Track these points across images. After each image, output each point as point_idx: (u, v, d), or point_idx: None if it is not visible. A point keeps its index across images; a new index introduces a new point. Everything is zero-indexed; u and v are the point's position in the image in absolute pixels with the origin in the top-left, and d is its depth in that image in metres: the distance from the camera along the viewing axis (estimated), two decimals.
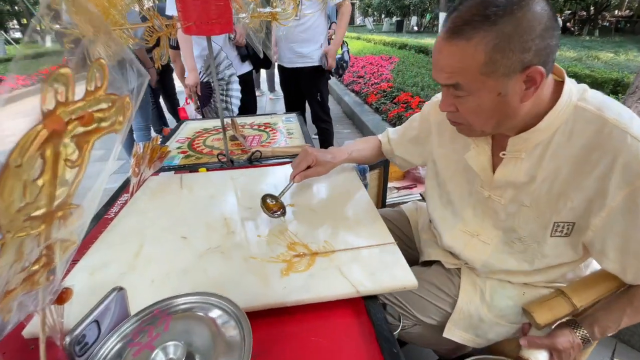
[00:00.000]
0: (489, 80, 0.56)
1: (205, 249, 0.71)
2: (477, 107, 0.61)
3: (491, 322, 0.79)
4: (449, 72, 0.59)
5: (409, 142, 0.94)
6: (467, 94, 0.60)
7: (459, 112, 0.64)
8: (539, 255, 0.71)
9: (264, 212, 0.80)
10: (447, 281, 0.85)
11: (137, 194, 0.95)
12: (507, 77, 0.55)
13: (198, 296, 0.48)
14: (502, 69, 0.55)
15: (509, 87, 0.56)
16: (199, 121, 1.73)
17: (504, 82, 0.56)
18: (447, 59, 0.58)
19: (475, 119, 0.63)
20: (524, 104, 0.59)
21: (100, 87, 0.22)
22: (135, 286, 0.62)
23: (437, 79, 0.62)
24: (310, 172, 0.89)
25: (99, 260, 0.69)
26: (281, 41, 2.30)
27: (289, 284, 0.61)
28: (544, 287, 0.78)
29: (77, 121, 0.21)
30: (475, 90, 0.58)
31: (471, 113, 0.62)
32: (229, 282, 0.62)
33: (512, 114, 0.61)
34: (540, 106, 0.62)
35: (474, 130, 0.66)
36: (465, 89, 0.59)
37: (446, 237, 0.83)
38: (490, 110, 0.60)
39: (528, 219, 0.68)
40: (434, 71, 0.63)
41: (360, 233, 0.75)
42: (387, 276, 0.62)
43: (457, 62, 0.57)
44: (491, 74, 0.56)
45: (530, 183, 0.66)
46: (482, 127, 0.64)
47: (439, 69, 0.60)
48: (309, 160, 0.88)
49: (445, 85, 0.62)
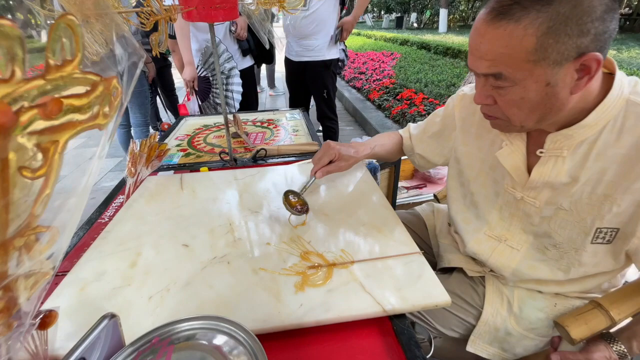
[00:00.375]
0: (537, 69, 0.50)
1: (209, 259, 0.64)
2: (520, 100, 0.54)
3: (519, 336, 0.73)
4: (491, 59, 0.52)
5: (430, 138, 0.87)
6: (510, 85, 0.53)
7: (498, 105, 0.57)
8: (576, 263, 0.65)
9: (287, 209, 0.75)
10: (471, 290, 0.79)
11: (134, 195, 0.87)
12: (559, 65, 0.49)
13: (204, 321, 0.41)
14: (554, 55, 0.48)
15: (559, 76, 0.50)
16: (199, 117, 1.65)
17: (554, 71, 0.50)
18: (490, 45, 0.51)
19: (516, 113, 0.56)
20: (573, 96, 0.53)
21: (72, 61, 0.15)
22: (131, 303, 0.55)
23: (475, 68, 0.55)
24: (332, 167, 0.83)
25: (90, 272, 0.62)
26: (288, 32, 2.19)
27: (305, 301, 0.54)
28: (577, 298, 0.73)
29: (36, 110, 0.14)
30: (521, 80, 0.52)
31: (512, 106, 0.56)
32: (238, 299, 0.55)
33: (558, 108, 0.54)
34: (588, 100, 0.55)
35: (513, 126, 0.59)
36: (508, 78, 0.52)
37: (470, 242, 0.76)
38: (535, 102, 0.53)
39: (565, 223, 0.62)
40: (472, 58, 0.55)
41: (381, 241, 0.68)
42: (416, 292, 0.55)
43: (502, 48, 0.50)
44: (541, 62, 0.49)
45: (571, 184, 0.60)
46: (522, 121, 0.57)
47: (479, 55, 0.53)
48: (331, 154, 0.83)
49: (485, 75, 0.55)
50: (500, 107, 0.57)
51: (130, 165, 0.83)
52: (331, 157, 0.83)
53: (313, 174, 0.82)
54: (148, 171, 0.93)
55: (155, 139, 0.93)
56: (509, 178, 0.68)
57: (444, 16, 11.91)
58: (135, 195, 0.87)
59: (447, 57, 6.76)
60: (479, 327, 0.74)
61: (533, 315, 0.72)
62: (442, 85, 4.18)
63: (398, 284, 0.57)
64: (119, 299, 0.56)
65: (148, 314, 0.53)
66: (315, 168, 0.83)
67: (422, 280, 0.58)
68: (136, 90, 2.40)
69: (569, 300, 0.72)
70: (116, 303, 0.55)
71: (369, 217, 0.76)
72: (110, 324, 0.37)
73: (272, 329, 0.50)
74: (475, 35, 0.53)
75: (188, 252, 0.66)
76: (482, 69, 0.54)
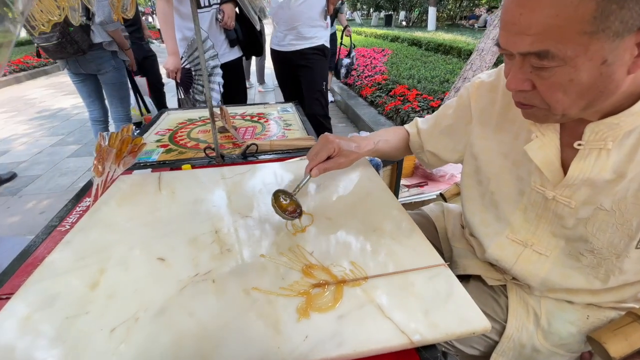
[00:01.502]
0: (593, 43, 0.40)
1: (190, 277, 0.52)
2: (568, 82, 0.44)
3: (548, 352, 0.65)
4: (535, 33, 0.42)
5: (441, 133, 0.77)
6: (558, 64, 0.43)
7: (537, 91, 0.48)
8: (617, 271, 0.57)
9: (277, 212, 0.64)
10: (492, 302, 0.71)
11: (103, 198, 0.74)
12: (620, 37, 0.39)
13: None
14: (616, 25, 0.38)
15: (618, 52, 0.40)
16: (182, 111, 1.52)
17: (613, 45, 0.40)
18: (534, 15, 0.41)
19: (560, 99, 0.46)
20: (629, 77, 0.43)
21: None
22: (88, 337, 0.43)
23: (512, 46, 0.45)
24: (331, 164, 0.72)
25: (39, 296, 0.50)
26: (277, 19, 1.98)
27: (311, 331, 0.43)
28: (612, 309, 0.65)
29: None
30: (572, 59, 0.42)
31: (557, 90, 0.46)
32: (225, 331, 0.43)
33: (611, 91, 0.45)
34: (638, 82, 0.46)
35: (552, 115, 0.49)
36: (556, 56, 0.42)
37: (491, 246, 0.68)
38: (586, 85, 0.44)
39: (606, 226, 0.54)
40: (507, 35, 0.45)
41: (397, 251, 0.57)
42: (447, 315, 0.45)
43: (550, 18, 0.40)
44: (599, 34, 0.39)
45: (615, 181, 0.51)
46: (566, 109, 0.47)
47: (518, 30, 0.43)
48: (330, 149, 0.72)
49: (524, 55, 0.45)
50: (540, 93, 0.48)
51: (97, 162, 0.70)
52: (329, 152, 0.72)
53: (308, 172, 0.71)
54: (120, 169, 0.80)
55: (128, 131, 0.80)
56: (537, 175, 0.59)
57: (432, 14, 11.95)
58: (104, 197, 0.74)
59: (439, 53, 6.73)
60: (502, 343, 0.66)
61: (563, 329, 0.64)
62: (435, 81, 4.12)
63: (424, 306, 0.46)
64: (73, 332, 0.44)
65: (109, 352, 0.41)
66: (310, 164, 0.72)
67: (452, 300, 0.47)
68: (116, 83, 2.24)
69: (602, 312, 0.64)
70: (68, 338, 0.43)
71: (379, 221, 0.65)
72: None
73: None
74: (512, 5, 0.43)
75: (164, 267, 0.54)
76: (522, 46, 0.44)
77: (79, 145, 3.25)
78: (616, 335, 0.59)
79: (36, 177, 2.65)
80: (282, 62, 2.10)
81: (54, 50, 1.92)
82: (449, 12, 16.30)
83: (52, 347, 0.42)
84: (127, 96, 2.39)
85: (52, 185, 2.52)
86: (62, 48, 1.90)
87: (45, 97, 5.14)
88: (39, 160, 2.95)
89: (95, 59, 2.11)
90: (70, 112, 4.32)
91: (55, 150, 3.16)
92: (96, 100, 2.36)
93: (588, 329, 0.64)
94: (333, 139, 0.73)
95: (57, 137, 3.47)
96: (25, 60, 6.92)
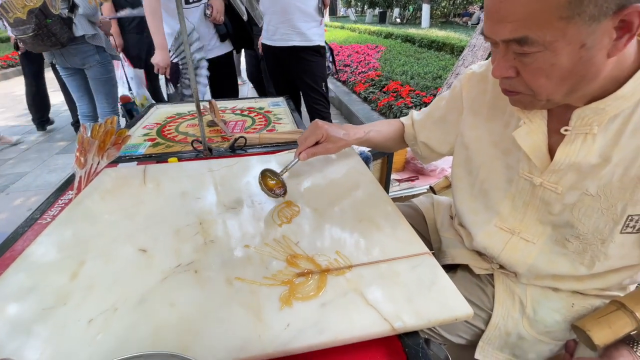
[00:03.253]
0: (570, 27, 0.41)
1: (172, 267, 0.51)
2: (549, 67, 0.45)
3: (533, 340, 0.66)
4: (515, 20, 0.43)
5: (434, 124, 0.78)
6: (539, 50, 0.44)
7: (521, 77, 0.49)
8: (602, 256, 0.57)
9: (262, 189, 0.70)
10: (478, 291, 0.71)
11: (86, 191, 0.73)
12: (597, 21, 0.40)
13: None
14: (591, 9, 0.39)
15: (596, 35, 0.41)
16: (171, 105, 1.50)
17: (590, 29, 0.41)
18: (514, 2, 0.42)
19: (543, 84, 0.47)
20: (609, 61, 0.44)
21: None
22: (65, 328, 0.42)
23: (495, 34, 0.47)
24: (319, 149, 0.75)
25: (16, 286, 0.48)
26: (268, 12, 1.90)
27: (293, 319, 0.43)
28: (597, 297, 0.66)
29: None
30: (551, 43, 0.43)
31: (540, 76, 0.47)
32: (206, 320, 0.43)
33: (593, 75, 0.46)
34: (623, 67, 0.47)
35: (538, 100, 0.51)
36: (536, 42, 0.43)
37: (479, 235, 0.68)
38: (567, 69, 0.45)
39: (592, 211, 0.55)
40: (490, 24, 0.47)
41: (382, 240, 0.57)
42: (430, 303, 0.45)
43: (529, 5, 0.41)
44: (575, 18, 0.40)
45: (600, 166, 0.52)
46: (550, 94, 0.49)
47: (499, 18, 0.45)
48: (319, 135, 0.75)
49: (506, 42, 0.46)
50: (524, 79, 0.49)
51: (79, 154, 0.69)
52: (318, 138, 0.75)
53: (297, 155, 0.75)
54: (104, 162, 0.79)
55: (113, 123, 0.78)
56: (525, 162, 0.60)
57: (426, 11, 11.97)
58: (88, 190, 0.73)
59: (432, 50, 6.74)
60: (489, 331, 0.67)
61: (549, 317, 0.65)
62: (428, 78, 4.13)
63: (407, 294, 0.46)
64: (49, 323, 0.43)
65: (86, 343, 0.40)
66: (300, 148, 0.75)
67: (436, 288, 0.47)
68: (101, 78, 2.21)
69: (587, 300, 0.65)
70: (44, 330, 0.42)
71: (366, 211, 0.65)
72: None
73: (252, 359, 0.39)
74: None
75: (146, 259, 0.53)
76: (504, 34, 0.45)
77: (67, 142, 3.20)
78: (600, 324, 0.60)
79: (24, 174, 2.60)
80: (274, 57, 2.04)
81: (31, 43, 1.87)
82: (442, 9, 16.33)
83: (27, 338, 0.41)
84: (114, 92, 2.35)
85: (40, 182, 2.48)
86: (40, 40, 1.84)
87: None
88: (27, 157, 2.90)
89: (79, 53, 2.07)
90: (59, 108, 4.24)
91: (43, 146, 3.11)
92: (85, 95, 2.33)
93: (573, 317, 0.64)
94: (322, 125, 0.75)
95: (46, 134, 3.41)
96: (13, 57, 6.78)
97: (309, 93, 2.06)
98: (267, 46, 2.01)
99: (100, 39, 2.12)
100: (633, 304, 0.59)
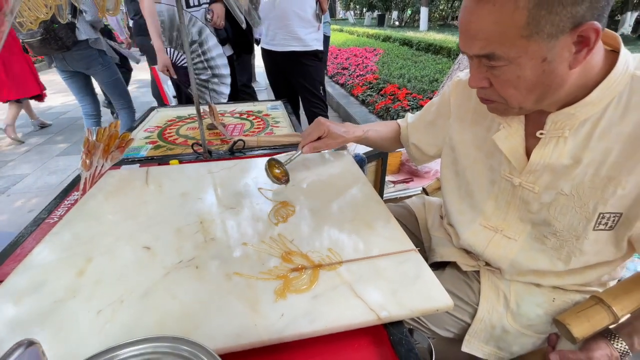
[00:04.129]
0: (531, 44, 0.46)
1: (174, 263, 0.55)
2: (516, 79, 0.50)
3: (516, 333, 0.69)
4: (482, 38, 0.48)
5: (425, 127, 0.83)
6: (505, 64, 0.49)
7: (494, 87, 0.53)
8: (577, 252, 0.61)
9: (268, 175, 0.77)
10: (465, 287, 0.75)
11: (91, 191, 0.76)
12: (555, 38, 0.45)
13: (158, 343, 0.32)
14: (548, 28, 0.44)
15: (556, 50, 0.46)
16: (172, 108, 1.53)
17: (550, 45, 0.46)
18: (480, 23, 0.47)
19: (513, 94, 0.52)
20: (573, 71, 0.49)
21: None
22: (75, 319, 0.45)
23: (467, 49, 0.51)
24: (320, 144, 0.83)
25: (28, 281, 0.52)
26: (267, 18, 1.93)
27: (286, 310, 0.46)
28: (577, 292, 0.69)
29: None
30: (515, 58, 0.48)
31: (509, 87, 0.52)
32: (206, 311, 0.46)
33: (558, 85, 0.50)
34: (589, 75, 0.51)
35: (511, 108, 0.55)
36: (502, 57, 0.48)
37: (465, 233, 0.72)
38: (532, 81, 0.50)
39: (566, 209, 0.59)
40: (462, 40, 0.52)
41: (372, 238, 0.61)
42: (414, 295, 0.48)
43: (492, 25, 0.46)
44: (534, 36, 0.45)
45: (573, 167, 0.56)
46: (520, 102, 0.53)
47: (470, 36, 0.50)
48: (321, 130, 0.82)
49: (477, 56, 0.51)
50: (496, 89, 0.54)
51: (85, 157, 0.72)
52: (320, 134, 0.82)
53: (300, 148, 0.82)
54: (109, 164, 0.82)
55: (116, 127, 0.82)
56: (505, 164, 0.64)
57: (424, 14, 12.06)
58: (93, 191, 0.76)
59: (430, 53, 6.80)
60: (475, 325, 0.70)
61: (531, 311, 0.68)
62: (425, 81, 4.18)
63: (393, 287, 0.50)
64: (61, 314, 0.46)
65: (95, 332, 0.44)
66: (303, 142, 0.83)
67: (420, 281, 0.51)
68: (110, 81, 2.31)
69: (567, 295, 0.69)
70: (56, 320, 0.45)
71: (358, 211, 0.69)
72: (26, 355, 0.28)
73: (247, 346, 0.42)
74: (464, 13, 0.49)
75: (149, 255, 0.57)
76: (474, 49, 0.50)
77: (68, 143, 3.23)
78: (579, 318, 0.63)
79: (25, 176, 2.63)
80: (273, 62, 2.09)
81: (38, 47, 1.94)
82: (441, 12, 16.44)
83: (41, 328, 0.44)
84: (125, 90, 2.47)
85: (40, 184, 2.51)
86: (47, 44, 1.92)
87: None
88: (28, 159, 2.92)
89: (83, 58, 2.13)
90: (60, 110, 4.27)
91: (44, 148, 3.14)
92: (87, 96, 2.39)
93: (554, 312, 0.68)
94: (324, 122, 0.82)
95: (46, 136, 3.44)
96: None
97: (307, 96, 2.10)
98: (267, 50, 2.06)
99: (101, 43, 2.16)
100: (610, 299, 0.62)
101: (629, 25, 10.15)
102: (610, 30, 0.53)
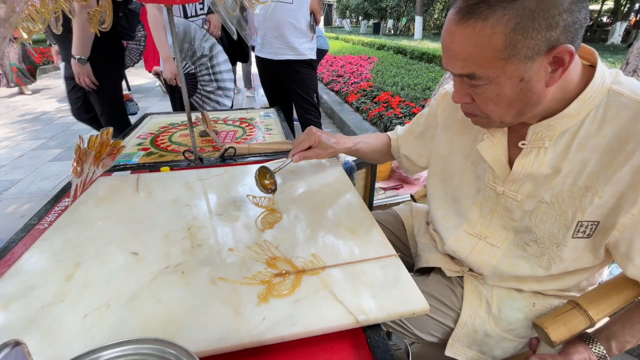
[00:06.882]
0: (509, 66, 0.49)
1: (161, 269, 0.56)
2: (496, 97, 0.53)
3: (498, 337, 0.71)
4: (463, 59, 0.51)
5: (415, 139, 0.86)
6: (485, 83, 0.52)
7: (476, 103, 0.56)
8: (557, 259, 0.63)
9: (257, 186, 0.77)
10: (449, 292, 0.76)
11: (81, 198, 0.77)
12: (531, 59, 0.48)
13: (139, 345, 0.33)
14: (524, 51, 0.47)
15: (532, 71, 0.49)
16: (165, 115, 1.55)
17: (526, 66, 0.49)
18: (460, 45, 0.51)
19: (494, 110, 0.55)
20: (550, 88, 0.52)
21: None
22: (62, 322, 0.47)
23: (449, 68, 0.55)
24: (310, 153, 0.84)
25: (17, 286, 0.53)
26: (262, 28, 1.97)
27: (268, 313, 0.48)
28: (556, 297, 0.71)
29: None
30: (494, 78, 0.51)
31: (490, 103, 0.55)
32: (190, 314, 0.47)
33: (535, 101, 0.53)
34: (567, 90, 0.55)
35: (493, 122, 0.59)
36: (482, 77, 0.51)
37: (450, 239, 0.74)
38: (511, 98, 0.53)
39: (547, 217, 0.61)
40: (445, 59, 0.55)
41: (355, 244, 0.63)
42: (392, 299, 0.50)
43: (471, 48, 0.49)
44: (512, 58, 0.48)
45: (552, 176, 0.58)
46: (501, 117, 0.56)
47: (451, 56, 0.53)
48: (312, 140, 0.83)
49: (459, 75, 0.54)
50: (478, 105, 0.57)
51: (76, 164, 0.74)
52: (311, 143, 0.83)
53: (291, 156, 0.83)
54: (100, 171, 0.83)
55: (108, 134, 0.84)
56: (490, 172, 0.66)
57: (419, 23, 12.26)
58: (83, 197, 0.78)
59: (423, 61, 6.91)
60: (458, 329, 0.72)
61: (512, 315, 0.70)
62: (418, 89, 4.24)
63: (373, 291, 0.51)
64: (46, 318, 0.47)
65: (81, 335, 0.45)
66: (293, 151, 0.84)
67: (399, 286, 0.53)
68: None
69: (547, 300, 0.71)
70: (43, 324, 0.46)
71: (343, 218, 0.70)
72: (13, 355, 0.30)
73: (229, 349, 0.44)
74: (446, 35, 0.52)
75: (137, 261, 0.58)
76: (455, 69, 0.53)
77: (61, 149, 3.22)
78: (557, 322, 0.65)
79: (17, 181, 2.62)
80: (267, 70, 2.13)
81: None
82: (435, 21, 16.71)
83: (28, 332, 0.45)
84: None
85: (33, 189, 2.49)
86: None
87: (28, 101, 5.06)
88: (20, 164, 2.91)
89: None
90: (53, 115, 4.26)
91: (37, 154, 3.12)
92: None
93: (534, 316, 0.69)
94: (316, 132, 0.83)
95: (39, 141, 3.43)
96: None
97: (301, 103, 2.14)
98: (261, 58, 2.10)
99: None
100: (587, 304, 0.65)
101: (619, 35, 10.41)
102: (587, 46, 0.56)
